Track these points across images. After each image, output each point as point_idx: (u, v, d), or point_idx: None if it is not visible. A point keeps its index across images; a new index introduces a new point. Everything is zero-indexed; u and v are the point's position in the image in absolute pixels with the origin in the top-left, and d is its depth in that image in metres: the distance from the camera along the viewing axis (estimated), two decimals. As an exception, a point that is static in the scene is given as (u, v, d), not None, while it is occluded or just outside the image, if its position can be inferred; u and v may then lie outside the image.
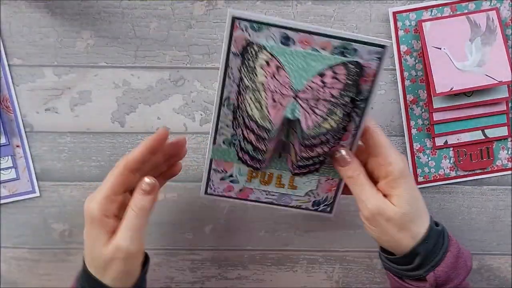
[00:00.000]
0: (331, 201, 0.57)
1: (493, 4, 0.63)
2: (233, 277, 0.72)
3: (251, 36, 0.47)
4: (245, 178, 0.56)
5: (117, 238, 0.49)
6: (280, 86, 0.48)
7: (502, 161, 0.66)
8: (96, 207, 0.49)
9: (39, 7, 0.64)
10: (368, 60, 0.48)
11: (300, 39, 0.47)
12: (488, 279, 0.71)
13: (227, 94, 0.50)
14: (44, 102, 0.66)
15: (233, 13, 0.46)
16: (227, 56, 0.48)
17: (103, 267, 0.50)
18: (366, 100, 0.50)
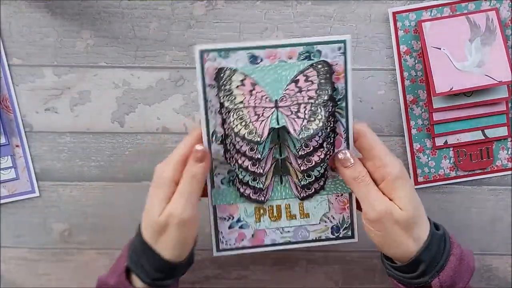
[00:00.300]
0: (349, 223, 0.56)
1: (492, 4, 0.63)
2: (233, 277, 0.72)
3: (221, 64, 0.50)
4: (254, 219, 0.55)
5: (171, 205, 0.50)
6: (260, 100, 0.51)
7: (502, 161, 0.66)
8: (170, 169, 0.50)
9: (39, 7, 0.64)
10: (334, 58, 0.51)
11: (266, 55, 0.50)
12: (488, 279, 0.71)
13: (212, 128, 0.52)
14: (44, 102, 0.66)
15: (199, 48, 0.49)
16: (203, 89, 0.51)
17: (158, 233, 0.51)
18: (345, 98, 0.52)
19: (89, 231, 0.70)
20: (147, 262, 0.52)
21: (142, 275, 0.52)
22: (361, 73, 0.65)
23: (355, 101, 0.65)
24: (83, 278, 0.71)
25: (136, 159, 0.67)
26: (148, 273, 0.52)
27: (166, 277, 0.53)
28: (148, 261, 0.52)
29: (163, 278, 0.53)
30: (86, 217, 0.69)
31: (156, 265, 0.52)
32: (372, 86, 0.65)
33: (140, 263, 0.52)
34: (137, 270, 0.52)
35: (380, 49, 0.64)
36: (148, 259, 0.52)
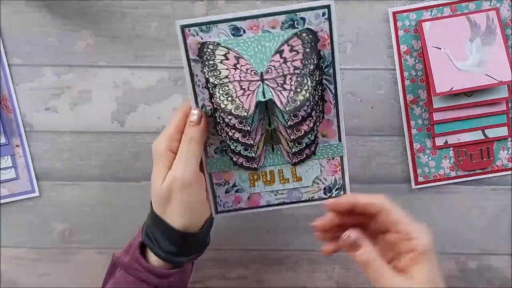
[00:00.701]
0: (341, 184, 0.57)
1: (493, 4, 0.63)
2: (233, 277, 0.72)
3: (203, 39, 0.50)
4: (248, 184, 0.56)
5: (171, 170, 0.51)
6: (244, 74, 0.50)
7: (502, 161, 0.66)
8: (163, 142, 0.51)
9: (39, 7, 0.64)
10: (318, 24, 0.50)
11: (249, 26, 0.50)
12: (488, 279, 0.71)
13: (201, 102, 0.52)
14: (44, 102, 0.66)
15: (180, 23, 0.49)
16: (189, 65, 0.51)
17: (164, 201, 0.51)
18: (332, 65, 0.51)
19: (89, 231, 0.70)
20: (159, 233, 0.52)
21: (155, 248, 0.52)
22: (361, 73, 0.65)
23: (355, 101, 0.66)
24: (83, 278, 0.71)
25: (136, 158, 0.67)
26: (161, 246, 0.52)
27: (180, 251, 0.53)
28: (160, 232, 0.52)
29: (176, 252, 0.53)
30: (86, 216, 0.69)
31: (168, 235, 0.52)
32: (372, 85, 0.65)
33: (153, 235, 0.52)
34: (150, 243, 0.53)
35: (380, 48, 0.64)
36: (160, 230, 0.52)
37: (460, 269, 0.70)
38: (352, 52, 0.64)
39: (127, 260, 0.53)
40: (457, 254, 0.70)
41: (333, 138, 0.55)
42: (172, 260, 0.53)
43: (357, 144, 0.67)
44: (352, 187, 0.64)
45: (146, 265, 0.52)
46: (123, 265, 0.53)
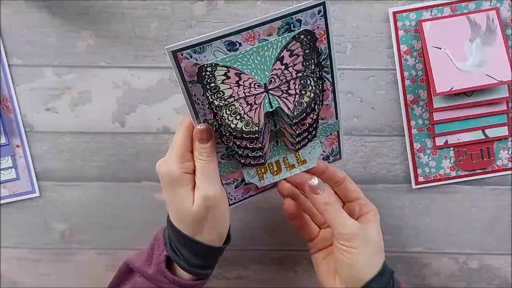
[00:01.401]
0: (338, 150, 0.59)
1: (493, 4, 0.63)
2: (233, 277, 0.72)
3: (198, 60, 0.47)
4: (258, 178, 0.56)
5: (201, 190, 0.50)
6: (248, 89, 0.49)
7: (503, 161, 0.66)
8: (175, 166, 0.50)
9: (39, 7, 0.64)
10: (315, 23, 0.49)
11: (244, 39, 0.48)
12: (488, 279, 0.71)
13: (203, 118, 0.51)
14: (44, 102, 0.66)
15: (171, 48, 0.46)
16: (185, 87, 0.48)
17: (198, 222, 0.51)
18: (329, 57, 0.52)
19: (89, 231, 0.70)
20: (186, 251, 0.52)
21: (182, 263, 0.52)
22: (361, 73, 0.65)
23: (355, 101, 0.66)
24: (83, 278, 0.72)
25: (137, 159, 0.67)
26: (188, 261, 0.52)
27: (206, 264, 0.53)
28: (188, 250, 0.52)
29: (202, 265, 0.53)
30: (87, 217, 0.69)
31: (197, 252, 0.52)
32: (373, 86, 0.65)
33: (179, 251, 0.52)
34: (177, 258, 0.53)
35: (381, 49, 0.64)
36: (189, 250, 0.52)
37: (460, 269, 0.70)
38: (352, 52, 0.64)
39: (151, 272, 0.53)
40: (457, 254, 0.70)
41: (331, 118, 0.56)
42: (198, 273, 0.53)
43: (357, 144, 0.67)
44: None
45: (172, 278, 0.52)
46: (148, 277, 0.54)
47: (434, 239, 0.70)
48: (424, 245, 0.70)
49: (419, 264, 0.71)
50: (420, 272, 0.71)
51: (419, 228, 0.69)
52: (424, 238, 0.69)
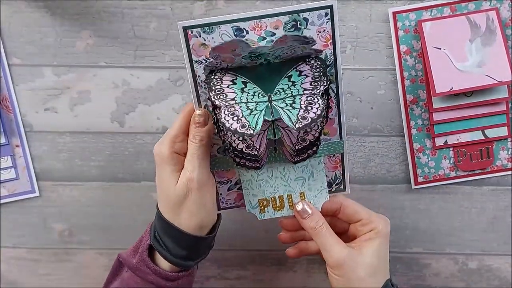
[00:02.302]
0: (341, 179, 0.57)
1: (493, 4, 0.63)
2: (233, 277, 0.72)
3: (206, 40, 0.49)
4: (258, 210, 0.56)
5: (186, 171, 0.51)
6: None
7: (502, 161, 0.66)
8: (166, 145, 0.51)
9: (39, 7, 0.64)
10: (321, 25, 0.50)
11: (251, 27, 0.49)
12: (488, 279, 0.71)
13: (204, 103, 0.52)
14: (44, 102, 0.66)
15: (183, 24, 0.48)
16: (191, 66, 0.50)
17: (178, 203, 0.51)
18: (334, 64, 0.51)
19: (89, 231, 0.70)
20: (169, 239, 0.52)
21: (164, 252, 0.52)
22: (361, 73, 0.65)
23: (355, 101, 0.65)
24: (83, 278, 0.72)
25: (136, 159, 0.67)
26: (171, 250, 0.52)
27: (189, 255, 0.53)
28: (170, 237, 0.52)
29: (185, 256, 0.53)
30: (86, 217, 0.69)
31: (178, 241, 0.52)
32: (372, 86, 0.65)
33: (162, 240, 0.53)
34: (159, 247, 0.53)
35: (380, 49, 0.64)
36: (170, 236, 0.52)
37: (460, 269, 0.70)
38: (352, 52, 0.64)
39: (135, 261, 0.53)
40: (457, 254, 0.70)
41: (334, 136, 0.55)
42: (181, 264, 0.53)
43: (357, 144, 0.67)
44: (352, 187, 0.64)
45: (154, 268, 0.52)
46: (131, 267, 0.54)
47: (434, 239, 0.70)
48: (424, 245, 0.70)
49: (419, 264, 0.70)
50: (420, 273, 0.71)
51: (419, 228, 0.69)
52: (424, 238, 0.69)
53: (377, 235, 0.53)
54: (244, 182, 0.55)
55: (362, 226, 0.54)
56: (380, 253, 0.53)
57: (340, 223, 0.57)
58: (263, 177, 0.55)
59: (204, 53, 0.50)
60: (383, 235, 0.53)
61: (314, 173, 0.55)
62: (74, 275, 0.71)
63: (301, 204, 0.54)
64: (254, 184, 0.56)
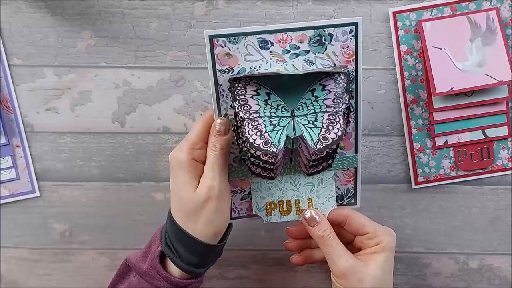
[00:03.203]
0: (353, 192, 0.58)
1: (493, 4, 0.63)
2: (233, 277, 0.72)
3: (231, 50, 0.50)
4: (265, 213, 0.56)
5: (207, 179, 0.51)
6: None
7: (503, 161, 0.66)
8: (185, 151, 0.51)
9: (39, 7, 0.64)
10: (345, 41, 0.50)
11: (277, 40, 0.50)
12: (488, 279, 0.71)
13: (224, 112, 0.52)
14: (44, 102, 0.66)
15: (209, 33, 0.49)
16: (214, 74, 0.50)
17: (196, 210, 0.51)
18: (355, 80, 0.52)
19: (89, 231, 0.70)
20: (182, 247, 0.52)
21: (176, 259, 0.52)
22: (361, 73, 0.64)
23: (355, 101, 0.66)
24: (83, 278, 0.72)
25: (137, 159, 0.67)
26: (182, 257, 0.52)
27: (200, 262, 0.53)
28: (182, 244, 0.52)
29: (197, 263, 0.53)
30: (87, 217, 0.69)
31: (191, 248, 0.52)
32: (373, 86, 0.65)
33: (174, 246, 0.53)
34: (171, 254, 0.53)
35: (381, 48, 0.64)
36: (183, 245, 0.52)
37: (460, 269, 0.70)
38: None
39: (145, 267, 0.53)
40: (457, 254, 0.70)
41: (350, 150, 0.55)
42: (192, 271, 0.53)
43: (357, 144, 0.67)
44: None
45: (165, 275, 0.52)
46: (141, 272, 0.54)
47: (434, 239, 0.70)
48: (424, 245, 0.70)
49: (419, 264, 0.71)
50: (420, 272, 0.71)
51: (419, 228, 0.69)
52: (424, 238, 0.69)
53: (383, 249, 0.53)
54: (253, 184, 0.56)
55: (368, 239, 0.54)
56: (385, 266, 0.53)
57: (345, 233, 0.57)
58: (272, 180, 0.55)
59: (228, 63, 0.51)
60: (388, 249, 0.54)
61: (324, 180, 0.56)
62: (74, 275, 0.71)
63: (309, 211, 0.54)
64: (263, 187, 0.56)
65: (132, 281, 0.54)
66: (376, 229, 0.54)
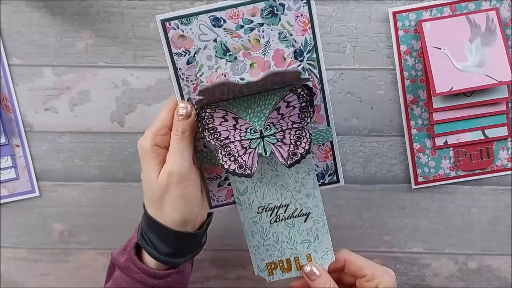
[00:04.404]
0: (333, 169, 0.57)
1: (492, 4, 0.62)
2: (233, 277, 0.72)
3: (184, 31, 0.50)
4: (267, 273, 0.57)
5: (167, 165, 0.50)
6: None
7: (502, 161, 0.66)
8: (148, 138, 0.51)
9: (39, 7, 0.64)
10: (298, 9, 0.50)
11: (228, 16, 0.50)
12: (488, 279, 0.71)
13: (187, 96, 0.52)
14: (44, 102, 0.66)
15: (161, 17, 0.49)
16: (171, 58, 0.51)
17: (160, 196, 0.51)
18: (315, 49, 0.52)
19: (89, 231, 0.70)
20: (154, 235, 0.52)
21: (150, 250, 0.52)
22: (361, 73, 0.65)
23: (354, 101, 0.65)
24: (83, 278, 0.72)
25: (136, 159, 0.67)
26: (157, 248, 0.52)
27: (176, 252, 0.52)
28: (155, 234, 0.52)
29: (172, 253, 0.52)
30: (86, 217, 0.69)
31: (163, 237, 0.52)
32: (372, 86, 0.65)
33: (148, 237, 0.52)
34: (145, 245, 0.52)
35: (380, 49, 0.64)
36: (155, 233, 0.52)
37: (460, 270, 0.70)
38: (351, 52, 0.64)
39: (123, 260, 0.53)
40: (457, 254, 0.70)
41: (322, 124, 0.55)
42: (167, 261, 0.52)
43: (357, 144, 0.67)
44: (352, 187, 0.64)
45: (141, 266, 0.52)
46: (120, 266, 0.53)
47: (434, 239, 0.70)
48: (424, 245, 0.70)
49: (418, 264, 0.70)
50: (420, 272, 0.71)
51: (419, 228, 0.69)
52: (424, 238, 0.69)
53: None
54: (251, 247, 0.57)
55: (366, 282, 0.55)
56: None
57: (347, 277, 0.58)
58: (269, 242, 0.56)
59: (183, 45, 0.50)
60: None
61: (319, 235, 0.56)
62: (73, 275, 0.72)
63: (309, 266, 0.55)
64: (261, 249, 0.57)
65: (115, 276, 0.54)
66: (374, 270, 0.55)
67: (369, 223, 0.69)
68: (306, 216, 0.56)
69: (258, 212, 0.55)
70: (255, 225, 0.56)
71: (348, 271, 0.57)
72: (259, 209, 0.55)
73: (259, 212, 0.55)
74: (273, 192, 0.55)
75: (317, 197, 0.55)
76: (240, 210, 0.55)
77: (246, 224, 0.56)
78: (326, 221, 0.56)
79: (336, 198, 0.68)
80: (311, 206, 0.55)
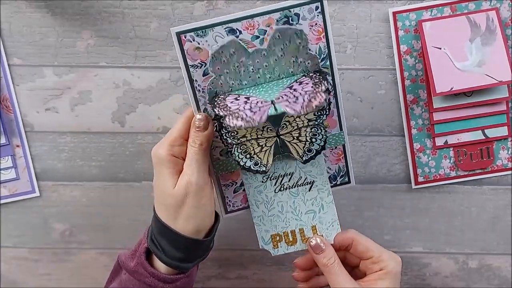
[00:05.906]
0: (345, 171, 0.58)
1: (493, 4, 0.63)
2: (233, 277, 0.72)
3: (200, 44, 0.50)
4: (272, 246, 0.57)
5: (185, 175, 0.51)
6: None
7: (502, 161, 0.66)
8: (164, 148, 0.51)
9: (39, 7, 0.64)
10: (313, 19, 0.51)
11: (244, 27, 0.50)
12: (488, 279, 0.71)
13: (203, 107, 0.52)
14: (44, 102, 0.66)
15: (176, 30, 0.49)
16: (187, 71, 0.51)
17: (177, 206, 0.51)
18: (328, 57, 0.52)
19: (89, 231, 0.70)
20: (166, 241, 0.52)
21: (161, 255, 0.52)
22: (361, 73, 0.65)
23: (355, 101, 0.66)
24: (83, 278, 0.72)
25: (137, 159, 0.67)
26: (167, 253, 0.52)
27: (186, 257, 0.53)
28: (167, 240, 0.52)
29: (182, 258, 0.53)
30: (87, 217, 0.69)
31: (175, 243, 0.52)
32: (372, 86, 0.65)
33: (158, 242, 0.53)
34: (156, 250, 0.53)
35: (381, 49, 0.64)
36: (167, 239, 0.52)
37: (460, 269, 0.70)
38: (352, 52, 0.64)
39: (133, 264, 0.53)
40: (457, 254, 0.70)
41: (334, 128, 0.56)
42: (178, 266, 0.53)
43: (357, 144, 0.67)
44: (353, 187, 0.64)
45: (151, 270, 0.52)
46: (129, 270, 0.54)
47: (434, 239, 0.70)
48: (424, 244, 0.70)
49: (419, 264, 0.71)
50: (420, 272, 0.71)
51: (419, 228, 0.69)
52: (424, 238, 0.70)
53: (386, 275, 0.54)
54: (255, 218, 0.56)
55: (372, 264, 0.55)
56: None
57: (351, 257, 0.57)
58: (274, 212, 0.56)
59: (199, 57, 0.51)
60: (393, 276, 0.54)
61: (324, 206, 0.56)
62: (74, 275, 0.71)
63: (314, 239, 0.55)
64: (265, 220, 0.56)
65: (122, 279, 0.55)
66: (381, 253, 0.55)
67: (369, 223, 0.69)
68: (310, 184, 0.56)
69: (262, 181, 0.55)
70: (259, 195, 0.56)
71: (354, 251, 0.56)
72: (263, 178, 0.55)
73: (263, 181, 0.55)
74: (277, 161, 0.55)
75: (321, 165, 0.55)
76: (245, 180, 0.55)
77: (251, 194, 0.56)
78: (331, 190, 0.56)
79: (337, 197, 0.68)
80: (316, 174, 0.56)
